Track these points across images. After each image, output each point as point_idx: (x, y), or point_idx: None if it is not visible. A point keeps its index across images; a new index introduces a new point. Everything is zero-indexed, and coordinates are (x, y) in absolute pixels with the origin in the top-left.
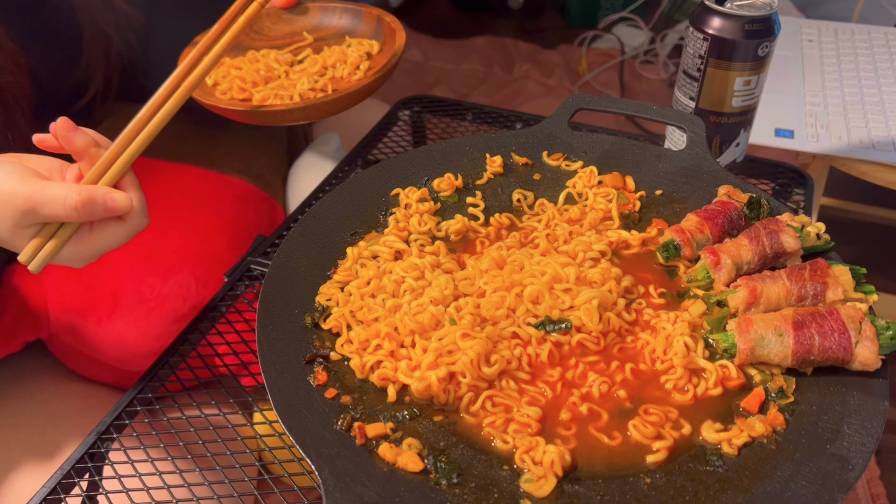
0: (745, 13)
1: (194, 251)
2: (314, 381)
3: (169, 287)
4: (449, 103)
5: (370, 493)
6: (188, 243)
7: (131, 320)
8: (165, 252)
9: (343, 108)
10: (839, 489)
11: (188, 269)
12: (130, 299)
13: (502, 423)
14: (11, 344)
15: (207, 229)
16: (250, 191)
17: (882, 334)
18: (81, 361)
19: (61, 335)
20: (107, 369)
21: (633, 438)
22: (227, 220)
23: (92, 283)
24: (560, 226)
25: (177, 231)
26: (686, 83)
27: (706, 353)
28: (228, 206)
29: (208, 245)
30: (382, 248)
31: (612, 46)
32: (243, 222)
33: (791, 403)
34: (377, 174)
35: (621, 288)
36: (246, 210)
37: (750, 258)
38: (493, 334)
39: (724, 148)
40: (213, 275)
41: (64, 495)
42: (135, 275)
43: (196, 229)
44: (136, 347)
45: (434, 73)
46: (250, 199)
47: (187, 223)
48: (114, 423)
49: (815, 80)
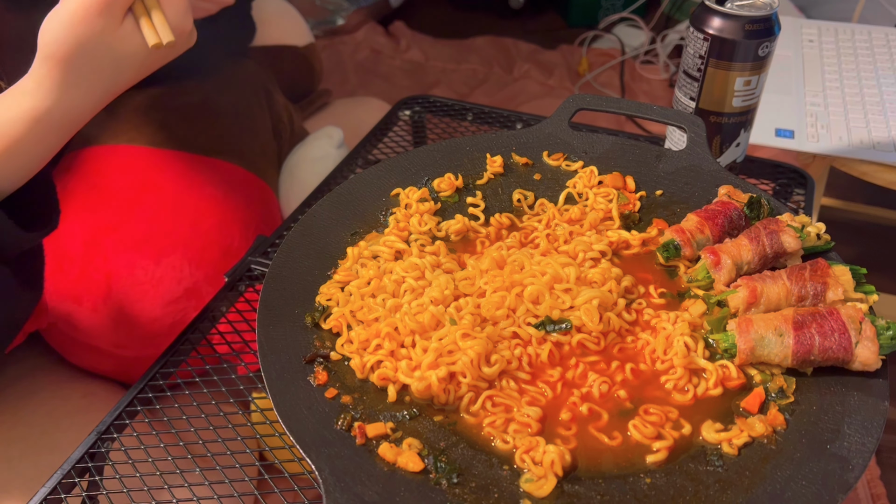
0: (746, 13)
1: (185, 233)
2: (314, 381)
3: (162, 269)
4: (449, 103)
5: (370, 492)
6: (178, 226)
7: (126, 304)
8: (157, 236)
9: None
10: (839, 489)
11: (180, 251)
12: (124, 283)
13: (502, 422)
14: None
15: (197, 212)
16: (240, 173)
17: (882, 334)
18: (79, 350)
19: (59, 324)
20: (105, 356)
21: (633, 438)
22: (217, 202)
23: (85, 269)
24: (560, 226)
25: (166, 214)
26: (686, 83)
27: (706, 353)
28: (217, 187)
29: (198, 227)
30: (383, 248)
31: (612, 46)
32: (233, 203)
33: (791, 403)
34: (377, 174)
35: (621, 288)
36: (236, 192)
37: (750, 258)
38: (493, 334)
39: (725, 148)
40: (206, 256)
41: (64, 495)
42: (127, 259)
43: (185, 212)
44: (133, 331)
45: (434, 73)
46: (240, 182)
47: (176, 206)
48: (114, 422)
49: (816, 80)
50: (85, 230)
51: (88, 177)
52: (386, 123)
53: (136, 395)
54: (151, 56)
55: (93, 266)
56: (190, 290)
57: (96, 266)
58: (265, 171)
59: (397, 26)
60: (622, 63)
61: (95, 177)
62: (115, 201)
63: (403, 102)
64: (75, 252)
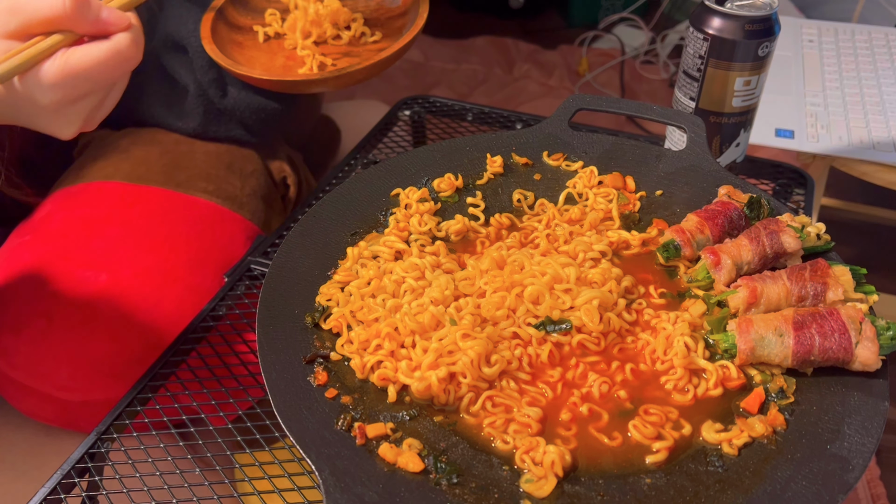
0: (746, 13)
1: (146, 266)
2: (314, 381)
3: (114, 301)
4: (449, 103)
5: (370, 493)
6: (140, 259)
7: (71, 336)
8: (112, 267)
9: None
10: (839, 489)
11: (139, 282)
12: (66, 314)
13: (503, 423)
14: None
15: (164, 247)
16: (217, 211)
17: (882, 335)
18: (17, 392)
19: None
20: (47, 401)
21: (633, 439)
22: (188, 239)
23: (27, 293)
24: (560, 226)
25: (128, 248)
26: (686, 83)
27: (706, 353)
28: (191, 225)
29: (164, 262)
30: (383, 248)
31: (612, 46)
32: (208, 242)
33: (791, 404)
34: (377, 174)
35: (622, 288)
36: (211, 230)
37: (750, 258)
38: (493, 334)
39: (725, 148)
40: (166, 293)
41: (64, 495)
42: (71, 286)
43: (151, 247)
44: (79, 370)
45: (434, 73)
46: (216, 220)
47: (141, 241)
48: (114, 423)
49: (816, 80)
50: (33, 258)
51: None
52: (386, 124)
53: (136, 396)
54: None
55: (35, 291)
56: (143, 326)
57: (38, 292)
58: (249, 207)
59: None
60: (622, 63)
61: (58, 211)
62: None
63: (403, 102)
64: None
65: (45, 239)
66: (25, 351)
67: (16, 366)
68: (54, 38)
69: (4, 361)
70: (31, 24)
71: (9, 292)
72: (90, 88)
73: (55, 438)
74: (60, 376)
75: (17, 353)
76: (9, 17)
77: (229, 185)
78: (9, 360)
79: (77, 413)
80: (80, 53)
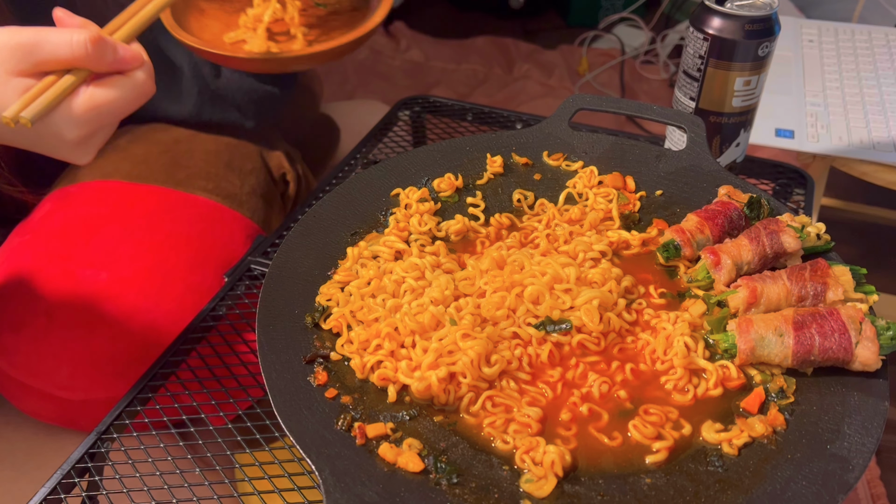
0: (746, 13)
1: (147, 265)
2: (314, 381)
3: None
4: (449, 103)
5: (370, 493)
6: (140, 258)
7: (71, 335)
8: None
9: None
10: (839, 489)
11: (139, 281)
12: (66, 312)
13: (503, 423)
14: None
15: (164, 246)
16: (216, 209)
17: (882, 335)
18: (18, 391)
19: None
20: (47, 400)
21: (633, 439)
22: (188, 238)
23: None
24: (560, 226)
25: (128, 246)
26: (686, 83)
27: (706, 353)
28: (191, 224)
29: (164, 261)
30: (383, 248)
31: (612, 46)
32: (208, 240)
33: (791, 404)
34: (377, 174)
35: (622, 288)
36: (211, 228)
37: (750, 258)
38: (493, 334)
39: (725, 148)
40: (167, 291)
41: (64, 495)
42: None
43: (151, 246)
44: (79, 369)
45: (434, 73)
46: (216, 218)
47: (141, 240)
48: (114, 423)
49: (816, 80)
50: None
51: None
52: (386, 124)
53: (136, 396)
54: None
55: (36, 290)
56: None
57: (40, 291)
58: (249, 205)
59: (397, 26)
60: (622, 63)
61: (58, 210)
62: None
63: (403, 103)
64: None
65: (45, 238)
66: (26, 350)
67: (16, 365)
68: (75, 75)
69: (5, 360)
70: (48, 63)
71: (9, 291)
72: (112, 122)
73: (55, 438)
74: (60, 375)
75: (18, 352)
76: (25, 56)
77: (229, 183)
78: (9, 359)
79: (77, 412)
80: (104, 91)
